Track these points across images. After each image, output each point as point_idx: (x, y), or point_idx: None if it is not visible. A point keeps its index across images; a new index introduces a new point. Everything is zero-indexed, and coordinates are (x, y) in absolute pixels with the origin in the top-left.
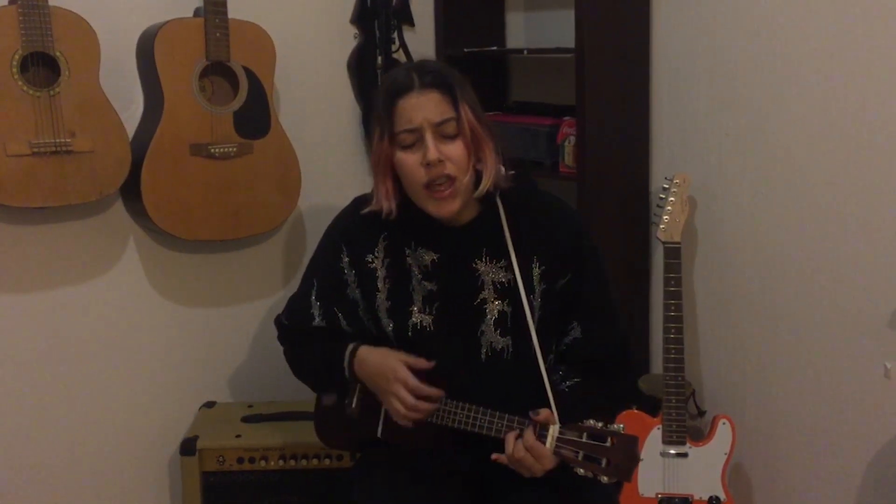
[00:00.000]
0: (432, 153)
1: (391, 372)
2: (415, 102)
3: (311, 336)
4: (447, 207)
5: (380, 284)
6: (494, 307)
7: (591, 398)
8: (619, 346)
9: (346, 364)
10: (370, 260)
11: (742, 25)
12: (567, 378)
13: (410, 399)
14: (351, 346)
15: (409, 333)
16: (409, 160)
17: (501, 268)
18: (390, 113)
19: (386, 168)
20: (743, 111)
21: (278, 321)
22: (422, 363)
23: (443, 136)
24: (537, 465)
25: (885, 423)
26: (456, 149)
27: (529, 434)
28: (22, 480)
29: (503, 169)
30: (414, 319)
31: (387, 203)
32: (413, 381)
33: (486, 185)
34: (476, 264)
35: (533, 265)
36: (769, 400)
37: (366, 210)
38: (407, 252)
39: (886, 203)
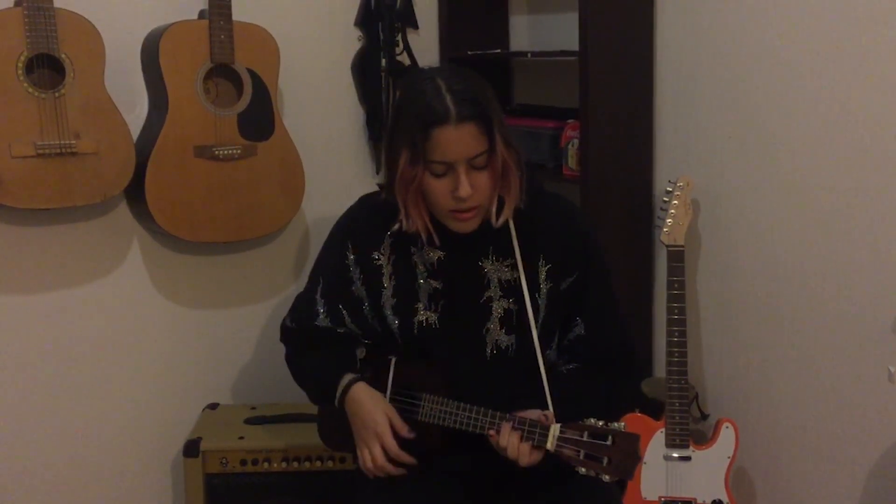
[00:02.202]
0: (465, 190)
1: (374, 426)
2: (452, 136)
3: (314, 341)
4: (468, 227)
5: (385, 281)
6: (500, 305)
7: (590, 381)
8: (624, 345)
9: (337, 396)
10: (376, 257)
11: (746, 28)
12: (568, 365)
13: (381, 458)
14: (347, 380)
15: (415, 331)
16: (438, 188)
17: (507, 266)
18: (424, 141)
19: (417, 191)
20: (747, 114)
21: (283, 323)
22: (404, 431)
23: (474, 167)
24: (521, 458)
25: (888, 426)
26: (485, 179)
27: (514, 437)
28: (25, 481)
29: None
30: (419, 317)
31: (425, 232)
32: (392, 445)
33: (507, 214)
34: (482, 262)
35: (539, 263)
36: (772, 403)
37: (395, 228)
38: (413, 250)
39: (891, 207)
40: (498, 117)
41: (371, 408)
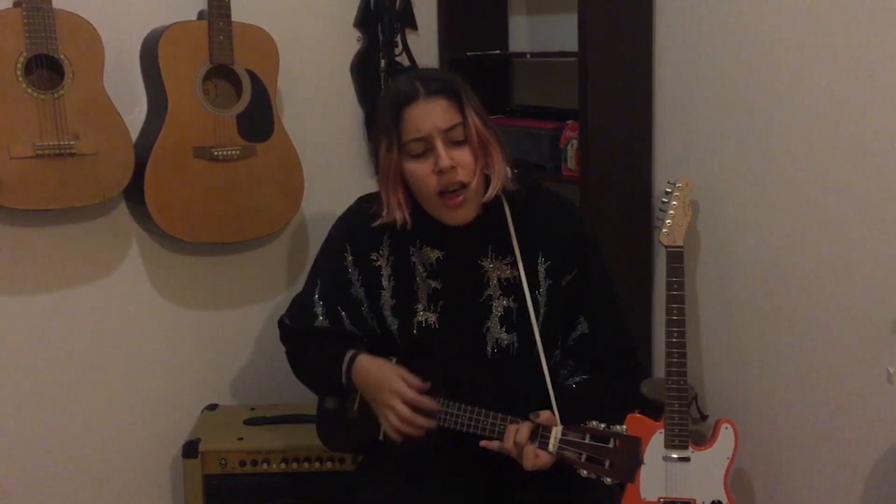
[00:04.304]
0: (445, 160)
1: (388, 385)
2: (422, 110)
3: (314, 337)
4: (461, 215)
5: (384, 282)
6: (500, 304)
7: (598, 396)
8: (627, 342)
9: (343, 371)
10: (375, 258)
11: (744, 29)
12: (574, 374)
13: (406, 411)
14: (350, 353)
15: (415, 331)
16: (419, 169)
17: (507, 264)
18: (397, 123)
19: (396, 179)
20: (745, 115)
21: (281, 321)
22: (417, 383)
23: (451, 143)
24: (525, 461)
25: (887, 427)
26: (465, 154)
27: (524, 432)
28: (25, 482)
29: (509, 171)
30: (419, 317)
31: (400, 213)
32: (411, 393)
33: (494, 190)
34: (482, 261)
35: (538, 261)
36: (772, 404)
37: (377, 223)
38: (411, 250)
39: (890, 207)
40: (468, 95)
41: (379, 371)
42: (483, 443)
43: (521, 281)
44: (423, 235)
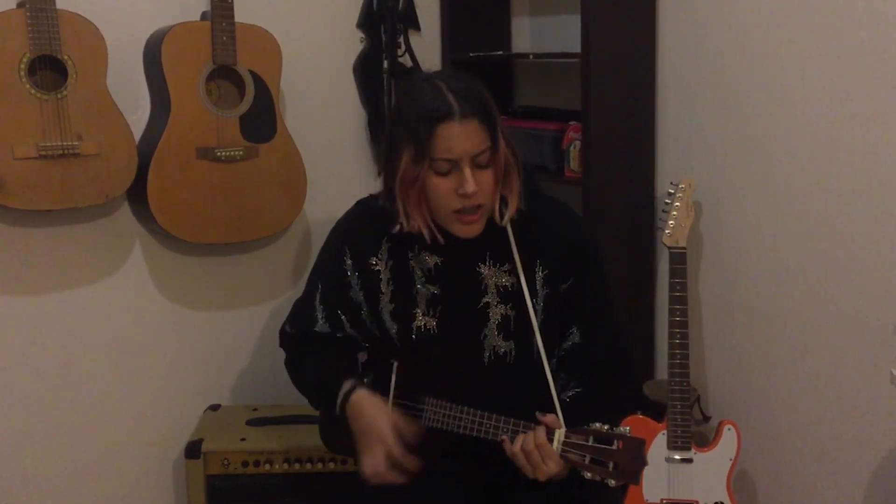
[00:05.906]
0: (471, 186)
1: (377, 431)
2: (457, 132)
3: (313, 346)
4: (473, 230)
5: (383, 287)
6: (498, 311)
7: (590, 408)
8: (619, 351)
9: (338, 403)
10: (374, 262)
11: (747, 30)
12: (567, 388)
13: (382, 465)
14: (347, 386)
15: (413, 336)
16: (442, 186)
17: (505, 272)
18: (430, 137)
19: (420, 190)
20: (748, 116)
21: (282, 329)
22: (410, 436)
23: (477, 165)
24: (542, 466)
25: (890, 429)
26: (488, 178)
27: (541, 432)
28: (27, 483)
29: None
30: (418, 322)
31: (427, 230)
32: (396, 451)
33: (510, 214)
34: (480, 268)
35: (536, 269)
36: (774, 406)
37: (395, 230)
38: (410, 255)
39: (893, 209)
40: (498, 116)
41: (373, 414)
42: (503, 437)
43: (519, 288)
44: (422, 241)
